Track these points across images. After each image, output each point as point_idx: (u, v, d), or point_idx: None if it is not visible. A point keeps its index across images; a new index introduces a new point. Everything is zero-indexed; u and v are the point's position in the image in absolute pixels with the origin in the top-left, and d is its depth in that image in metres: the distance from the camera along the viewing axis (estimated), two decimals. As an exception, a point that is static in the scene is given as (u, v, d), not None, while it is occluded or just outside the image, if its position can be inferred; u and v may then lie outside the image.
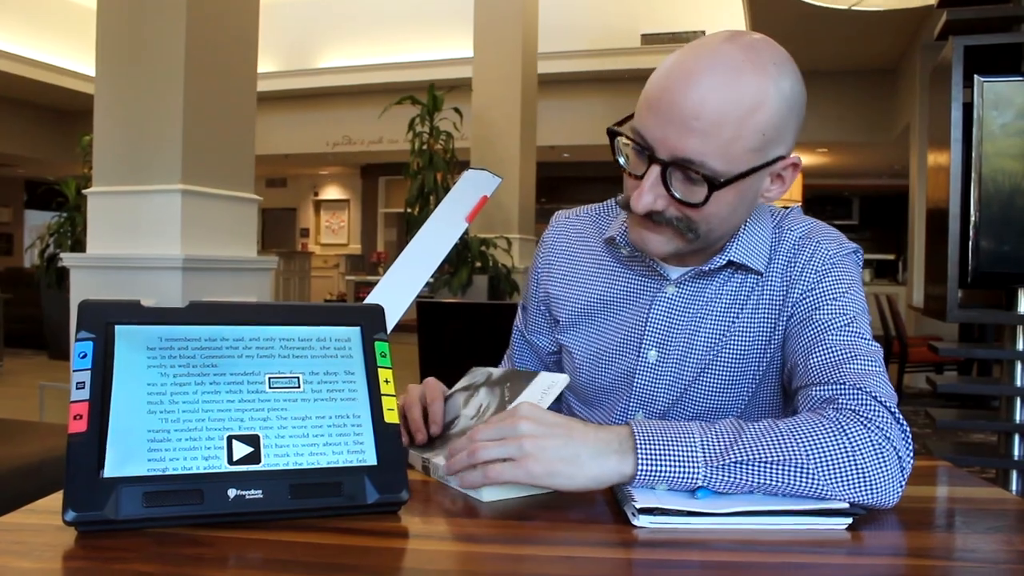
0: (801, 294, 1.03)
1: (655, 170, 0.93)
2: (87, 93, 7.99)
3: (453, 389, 1.10)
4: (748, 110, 0.89)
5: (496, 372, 1.08)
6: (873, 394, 0.88)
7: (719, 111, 0.88)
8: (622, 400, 1.11)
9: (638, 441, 0.81)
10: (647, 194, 0.93)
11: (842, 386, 0.90)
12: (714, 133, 0.89)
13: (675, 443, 0.81)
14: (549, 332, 1.22)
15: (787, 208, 1.14)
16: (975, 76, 2.51)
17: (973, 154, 2.52)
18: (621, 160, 0.99)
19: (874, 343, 0.97)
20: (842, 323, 0.98)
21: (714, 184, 0.91)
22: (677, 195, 0.93)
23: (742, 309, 1.06)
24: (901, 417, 0.87)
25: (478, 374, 1.10)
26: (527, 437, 0.80)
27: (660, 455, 0.80)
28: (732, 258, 1.05)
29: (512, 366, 1.27)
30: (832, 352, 0.95)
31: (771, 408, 1.08)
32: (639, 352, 1.09)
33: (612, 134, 0.98)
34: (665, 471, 0.80)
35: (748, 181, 0.94)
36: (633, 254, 1.11)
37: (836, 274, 1.03)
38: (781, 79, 0.91)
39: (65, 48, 9.56)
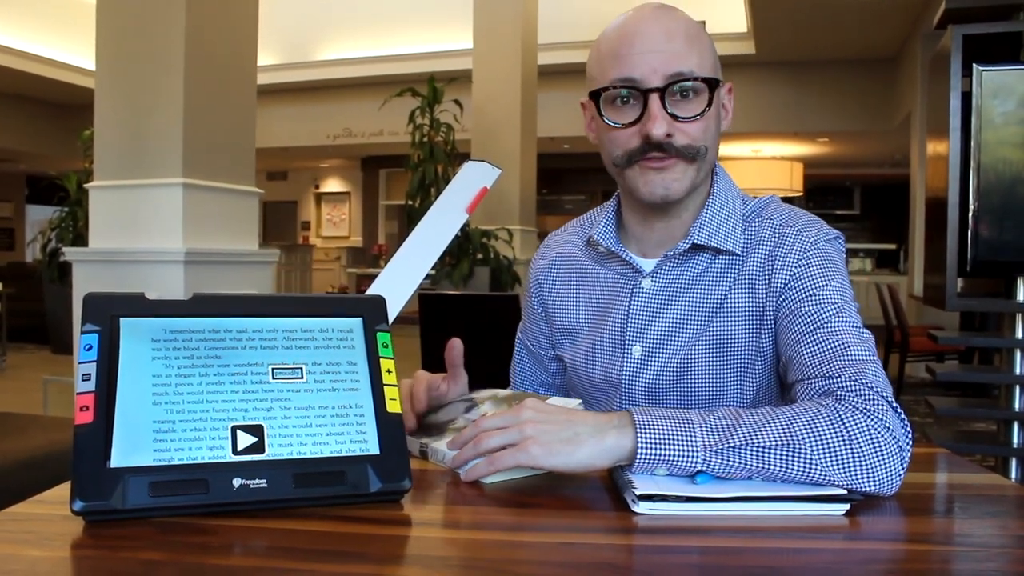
0: (785, 284, 1.03)
1: (654, 98, 0.99)
2: (87, 87, 7.97)
3: (451, 398, 1.11)
4: (697, 29, 1.04)
5: (502, 392, 1.09)
6: (870, 385, 0.88)
7: (684, 30, 1.02)
8: (614, 397, 1.12)
9: (638, 426, 0.82)
10: (660, 120, 0.99)
11: (838, 379, 0.91)
12: (688, 46, 1.01)
13: (674, 427, 0.82)
14: (549, 340, 1.24)
15: (764, 198, 1.14)
16: (974, 65, 2.51)
17: (972, 143, 2.51)
18: (607, 121, 1.03)
19: (864, 330, 0.98)
20: (831, 312, 0.98)
21: (712, 84, 1.01)
22: (679, 114, 1.00)
23: (725, 296, 1.07)
24: (898, 406, 0.88)
25: (482, 392, 1.10)
26: (528, 422, 0.83)
27: (659, 438, 0.81)
28: (696, 240, 1.06)
29: (515, 378, 1.28)
30: (824, 345, 0.96)
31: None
32: (623, 349, 1.10)
33: (596, 95, 1.03)
34: (665, 453, 0.81)
35: (717, 97, 1.04)
36: (609, 251, 1.12)
37: (820, 263, 1.03)
38: None
39: (65, 42, 9.53)
